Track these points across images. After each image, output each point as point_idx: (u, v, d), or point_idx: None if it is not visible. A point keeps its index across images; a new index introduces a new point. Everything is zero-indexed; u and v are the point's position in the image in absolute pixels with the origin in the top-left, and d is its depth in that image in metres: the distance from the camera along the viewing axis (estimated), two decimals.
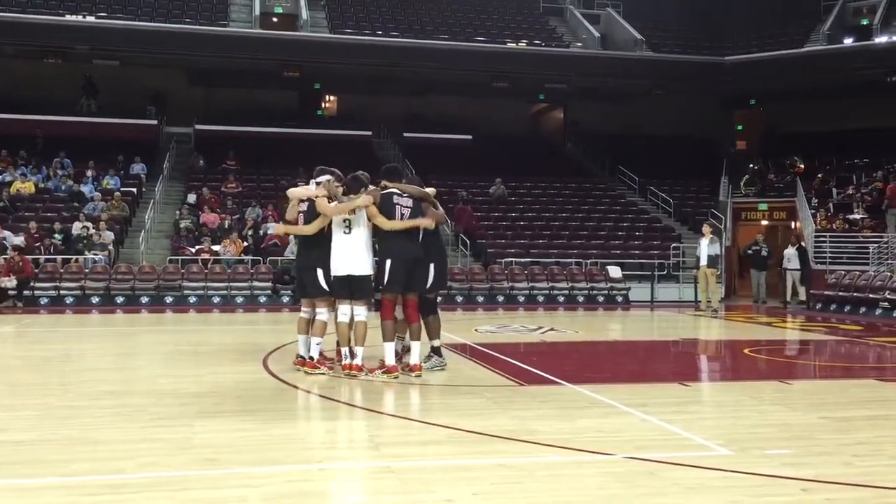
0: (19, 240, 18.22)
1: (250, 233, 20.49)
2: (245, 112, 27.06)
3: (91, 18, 23.21)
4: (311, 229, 7.68)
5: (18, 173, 22.10)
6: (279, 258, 19.29)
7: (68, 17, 23.03)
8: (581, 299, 19.94)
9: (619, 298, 20.13)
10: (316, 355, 7.93)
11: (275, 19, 28.36)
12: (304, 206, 7.88)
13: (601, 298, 20.06)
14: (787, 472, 4.65)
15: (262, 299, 18.41)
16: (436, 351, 8.34)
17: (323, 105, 30.46)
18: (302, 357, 8.09)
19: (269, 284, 18.62)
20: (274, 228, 7.41)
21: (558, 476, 4.66)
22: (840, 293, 17.94)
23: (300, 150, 24.41)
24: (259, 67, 25.28)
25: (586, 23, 27.62)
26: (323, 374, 7.82)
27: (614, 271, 20.54)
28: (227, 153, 25.00)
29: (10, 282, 16.79)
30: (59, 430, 5.68)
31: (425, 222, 7.70)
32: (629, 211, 25.15)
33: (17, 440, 5.37)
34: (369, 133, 27.43)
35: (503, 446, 5.29)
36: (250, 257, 19.43)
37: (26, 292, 17.14)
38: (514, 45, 25.72)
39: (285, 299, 18.11)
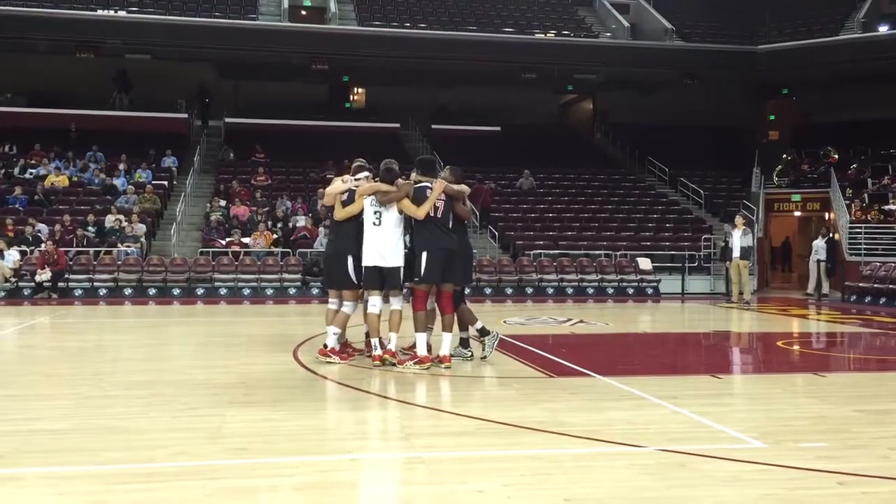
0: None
1: (279, 225, 20.62)
2: (274, 105, 27.20)
3: (123, 13, 23.45)
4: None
5: (52, 167, 22.42)
6: (308, 250, 19.39)
7: (101, 12, 23.28)
8: (610, 291, 19.81)
9: (650, 290, 19.97)
10: (331, 344, 7.96)
11: (303, 12, 28.48)
12: (345, 197, 7.90)
13: (631, 290, 19.92)
14: (822, 465, 4.58)
15: (292, 291, 18.52)
16: (464, 343, 8.34)
17: (351, 97, 30.52)
18: (330, 347, 8.12)
19: (299, 276, 18.73)
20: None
21: (589, 468, 4.63)
22: (875, 285, 17.66)
23: (329, 143, 24.52)
24: (288, 60, 25.37)
25: (615, 12, 27.40)
26: (336, 363, 7.84)
27: (644, 263, 20.38)
28: (257, 146, 25.15)
29: (45, 274, 17.04)
30: (93, 420, 5.74)
31: (437, 189, 7.63)
32: (659, 202, 24.93)
33: (51, 429, 5.44)
34: (397, 125, 27.45)
35: (534, 438, 5.26)
36: (280, 249, 19.54)
37: (60, 284, 17.38)
38: (543, 35, 25.59)
39: (315, 291, 18.20)
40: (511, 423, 5.58)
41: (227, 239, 19.82)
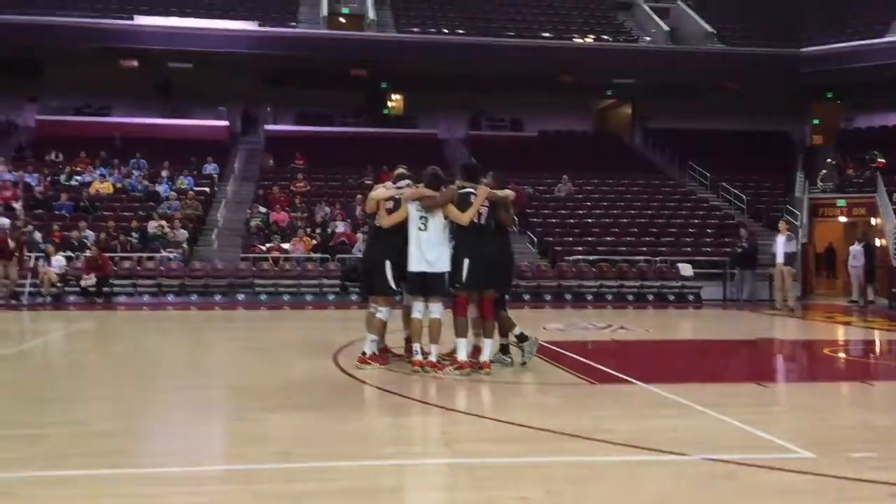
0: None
1: (318, 231, 20.77)
2: (313, 112, 27.44)
3: (165, 21, 23.85)
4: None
5: (97, 174, 22.81)
6: (347, 256, 19.49)
7: (143, 21, 23.69)
8: (651, 297, 19.60)
9: (691, 297, 19.72)
10: (369, 351, 7.98)
11: (342, 19, 28.73)
12: (391, 205, 7.92)
13: (672, 297, 19.68)
14: (874, 475, 4.47)
15: (331, 296, 18.62)
16: (504, 349, 8.32)
17: (389, 103, 30.68)
18: (370, 353, 8.13)
19: (338, 281, 18.83)
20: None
21: (633, 476, 4.58)
22: None
23: (367, 149, 24.66)
24: (327, 67, 25.60)
25: (655, 17, 27.21)
26: (374, 369, 7.85)
27: (685, 269, 20.12)
28: (296, 152, 25.39)
29: (91, 279, 17.33)
30: (139, 423, 5.83)
31: (481, 196, 7.62)
32: (700, 207, 24.63)
33: (98, 431, 5.52)
34: (435, 131, 27.52)
35: (576, 444, 5.21)
36: (319, 255, 19.67)
37: (105, 289, 17.67)
38: (581, 40, 25.49)
39: (354, 296, 18.29)
40: (553, 429, 5.54)
41: (268, 245, 20.00)
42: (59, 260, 17.65)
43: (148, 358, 9.78)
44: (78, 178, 22.61)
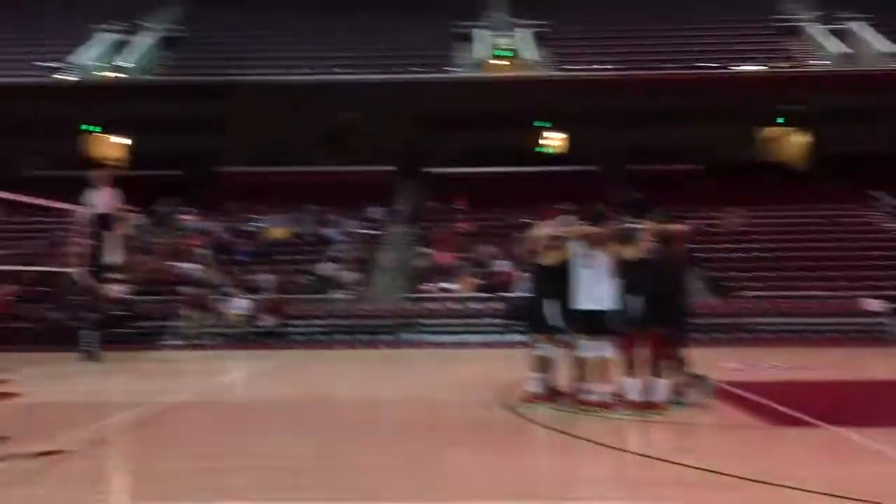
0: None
1: (481, 270, 21.00)
2: (472, 153, 27.91)
3: (331, 76, 25.18)
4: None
5: (273, 220, 24.20)
6: (510, 294, 19.53)
7: (313, 76, 25.11)
8: (834, 335, 18.35)
9: (880, 334, 18.29)
10: (539, 390, 7.91)
11: (498, 62, 29.23)
12: (554, 244, 7.92)
13: (858, 334, 18.33)
14: None
15: (496, 335, 18.70)
16: (680, 388, 8.03)
17: (548, 142, 30.70)
18: (537, 392, 8.09)
19: (502, 320, 18.90)
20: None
21: None
22: None
23: (527, 188, 24.74)
24: (484, 110, 26.03)
25: (828, 38, 25.85)
26: (541, 408, 7.75)
27: (873, 304, 18.71)
28: (457, 194, 25.86)
29: (269, 320, 18.34)
30: (320, 458, 6.05)
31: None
32: (886, 237, 22.90)
33: (283, 466, 5.79)
34: (594, 167, 27.24)
35: (765, 492, 4.91)
36: (483, 294, 19.85)
37: (282, 329, 18.61)
38: (747, 67, 24.62)
39: (517, 336, 18.26)
40: (735, 474, 5.26)
41: (432, 285, 20.42)
42: (240, 302, 18.80)
43: (325, 396, 10.15)
44: (256, 224, 24.08)
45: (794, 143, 30.23)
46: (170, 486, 5.15)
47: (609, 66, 25.37)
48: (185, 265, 20.86)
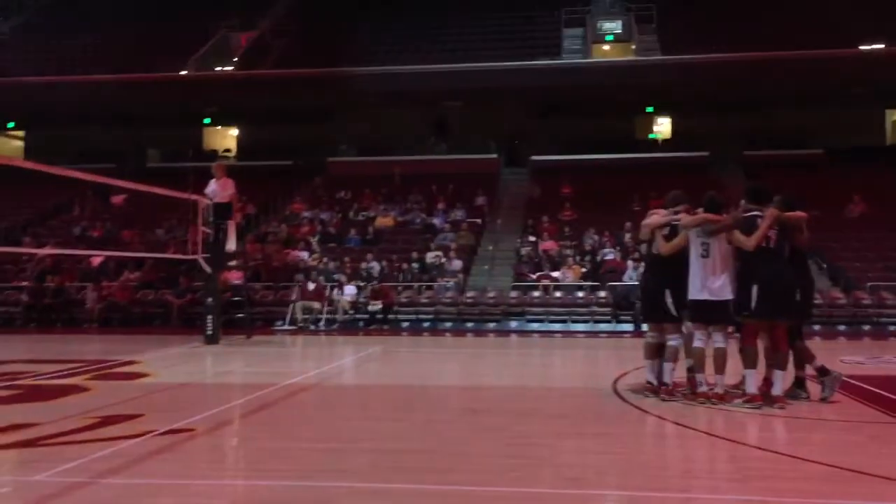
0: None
1: (588, 258, 20.76)
2: (579, 140, 27.55)
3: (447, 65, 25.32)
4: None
5: (381, 209, 24.62)
6: (617, 283, 19.26)
7: (420, 64, 25.31)
8: None
9: None
10: (670, 381, 7.75)
11: (606, 47, 28.75)
12: (666, 231, 7.76)
13: None
14: None
15: (603, 325, 18.47)
16: (799, 382, 7.74)
17: (656, 128, 30.04)
18: (650, 382, 7.94)
19: (609, 309, 18.66)
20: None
21: None
22: None
23: (634, 176, 24.31)
24: (590, 96, 25.64)
25: None
26: (678, 401, 7.59)
27: None
28: (563, 181, 25.63)
29: (377, 306, 18.69)
30: (431, 442, 6.14)
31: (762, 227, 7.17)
32: None
33: (394, 449, 5.90)
34: (706, 154, 26.45)
35: (888, 488, 4.71)
36: (589, 283, 19.63)
37: (390, 316, 18.93)
38: (868, 46, 23.34)
39: (626, 325, 18.01)
40: (863, 470, 5.05)
41: (538, 273, 20.33)
42: (350, 289, 19.22)
43: (430, 380, 10.27)
44: (364, 213, 24.53)
45: None
46: (288, 466, 5.35)
47: (714, 49, 24.45)
48: (297, 253, 21.47)
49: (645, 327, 8.22)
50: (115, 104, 26.42)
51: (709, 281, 7.34)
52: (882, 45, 23.50)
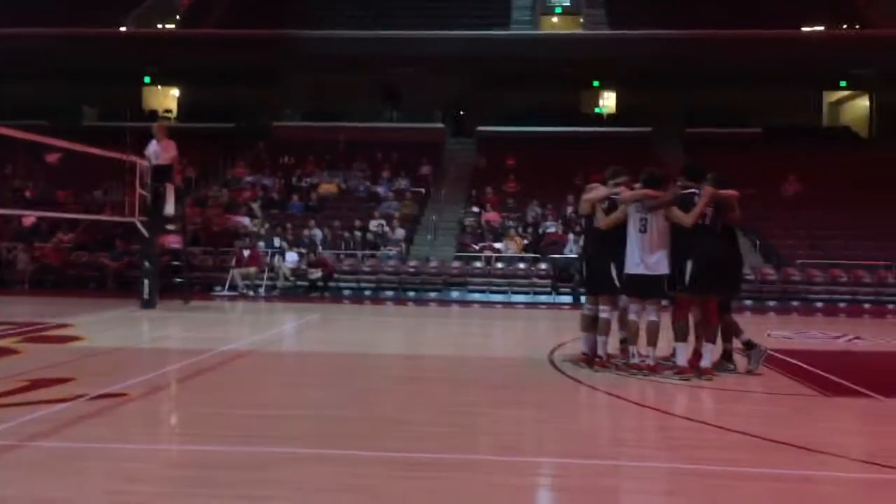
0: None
1: (530, 230, 20.96)
2: (526, 112, 27.67)
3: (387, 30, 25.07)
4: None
5: (324, 176, 24.39)
6: (558, 256, 19.51)
7: (367, 31, 25.04)
8: (891, 306, 17.99)
9: None
10: (604, 354, 7.92)
11: (555, 19, 28.80)
12: (606, 205, 7.87)
13: None
14: None
15: (543, 296, 18.72)
16: (727, 355, 8.00)
17: (601, 102, 30.32)
18: (586, 353, 8.11)
19: (549, 281, 18.90)
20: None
21: (873, 496, 4.25)
22: None
23: (578, 149, 24.53)
24: (538, 68, 25.72)
25: None
26: (611, 372, 7.77)
27: None
28: (508, 153, 25.73)
29: (316, 273, 18.61)
30: (369, 409, 6.19)
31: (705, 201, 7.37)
32: None
33: (333, 416, 5.94)
34: (648, 129, 26.84)
35: (807, 457, 4.93)
36: (531, 255, 19.84)
37: (330, 284, 18.87)
38: (810, 28, 23.87)
39: (565, 297, 18.29)
40: (782, 440, 5.27)
41: (480, 244, 20.46)
42: (291, 256, 19.08)
43: (370, 349, 10.28)
44: (307, 179, 24.29)
45: (859, 107, 29.36)
46: (225, 431, 5.34)
47: (661, 26, 24.74)
48: (238, 218, 21.19)
49: (583, 300, 8.35)
50: (50, 59, 25.55)
51: (646, 256, 7.49)
52: (822, 27, 24.06)
